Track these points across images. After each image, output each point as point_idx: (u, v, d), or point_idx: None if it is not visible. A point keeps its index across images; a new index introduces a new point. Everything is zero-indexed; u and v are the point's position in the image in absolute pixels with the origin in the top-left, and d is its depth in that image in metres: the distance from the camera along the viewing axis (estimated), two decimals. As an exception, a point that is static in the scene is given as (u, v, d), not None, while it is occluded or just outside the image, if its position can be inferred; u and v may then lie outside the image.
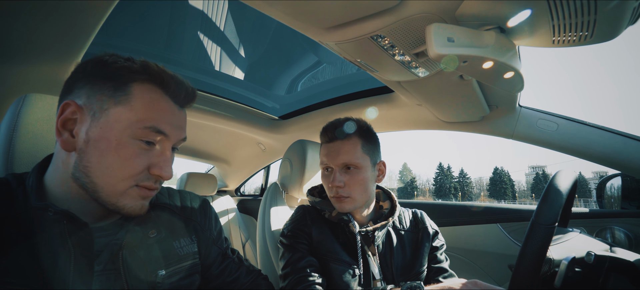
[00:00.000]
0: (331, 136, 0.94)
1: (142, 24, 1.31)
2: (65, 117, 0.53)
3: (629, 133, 1.09)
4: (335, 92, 1.58)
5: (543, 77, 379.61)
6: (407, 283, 0.75)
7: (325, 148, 0.96)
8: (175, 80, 0.58)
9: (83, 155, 0.53)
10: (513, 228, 1.38)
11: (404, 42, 0.74)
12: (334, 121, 0.97)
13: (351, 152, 0.92)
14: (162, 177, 0.57)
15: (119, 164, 0.53)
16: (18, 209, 0.52)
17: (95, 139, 0.53)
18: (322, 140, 0.98)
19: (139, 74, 0.55)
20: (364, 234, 0.93)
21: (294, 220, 0.99)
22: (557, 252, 0.77)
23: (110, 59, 0.55)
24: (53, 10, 0.72)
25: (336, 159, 0.92)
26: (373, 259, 0.93)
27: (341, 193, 0.91)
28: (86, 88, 0.54)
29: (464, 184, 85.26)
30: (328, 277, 0.88)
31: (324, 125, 0.98)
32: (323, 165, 0.96)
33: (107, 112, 0.53)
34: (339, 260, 0.89)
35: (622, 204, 1.29)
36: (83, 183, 0.53)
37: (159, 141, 0.57)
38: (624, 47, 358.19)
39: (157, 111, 0.56)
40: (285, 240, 0.95)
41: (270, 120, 1.85)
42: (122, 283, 0.56)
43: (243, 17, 1.42)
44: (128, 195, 0.55)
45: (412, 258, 0.96)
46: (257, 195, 2.68)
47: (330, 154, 0.94)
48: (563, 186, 0.72)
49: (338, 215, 0.94)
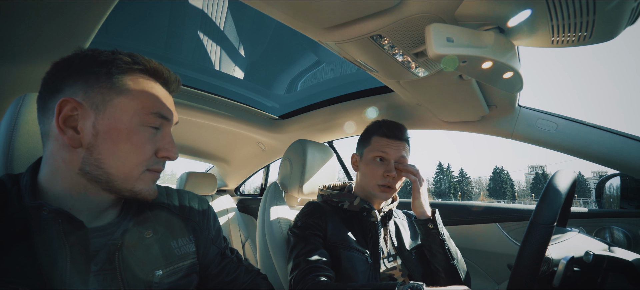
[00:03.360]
0: (397, 134, 1.06)
1: (142, 24, 1.31)
2: (65, 114, 0.53)
3: (628, 133, 1.09)
4: (335, 92, 1.58)
5: (542, 77, 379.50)
6: (410, 283, 0.76)
7: (387, 141, 1.05)
8: (163, 68, 0.62)
9: (93, 149, 0.53)
10: (512, 227, 1.38)
11: (404, 42, 0.74)
12: (394, 123, 1.09)
13: (406, 155, 1.07)
14: (170, 157, 0.61)
15: (132, 151, 0.56)
16: (13, 208, 0.51)
17: (105, 130, 0.54)
18: (383, 134, 1.06)
19: (130, 65, 0.57)
20: (382, 217, 1.08)
21: (309, 213, 1.03)
22: (556, 252, 0.77)
23: (95, 53, 0.55)
24: (53, 11, 0.72)
25: (397, 153, 1.04)
26: (383, 240, 1.05)
27: (392, 183, 1.03)
28: (79, 83, 0.54)
29: (463, 183, 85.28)
30: (340, 264, 0.93)
31: (383, 123, 1.08)
32: (379, 155, 1.05)
33: (110, 103, 0.54)
34: (350, 248, 0.96)
35: (621, 204, 1.29)
36: (95, 176, 0.54)
37: (161, 125, 0.60)
38: (624, 47, 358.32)
39: (157, 97, 0.59)
40: (298, 231, 0.99)
41: (270, 120, 1.85)
42: (119, 283, 0.56)
43: (243, 17, 1.42)
44: (142, 179, 0.58)
45: (414, 234, 1.12)
46: (256, 194, 2.68)
47: (393, 148, 1.04)
48: (562, 186, 0.72)
49: (360, 203, 1.04)
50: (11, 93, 0.92)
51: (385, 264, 1.01)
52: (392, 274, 1.00)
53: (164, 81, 0.62)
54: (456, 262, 1.01)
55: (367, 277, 0.93)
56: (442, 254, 0.99)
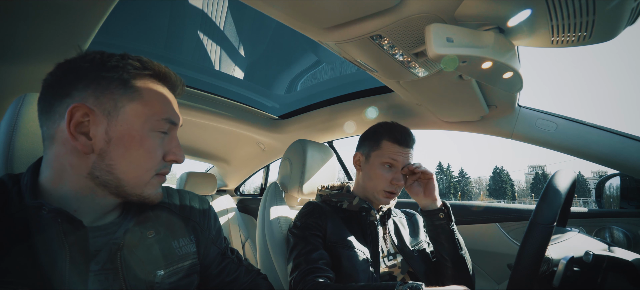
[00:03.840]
0: (408, 142, 1.04)
1: (142, 24, 1.31)
2: (76, 120, 0.52)
3: (628, 133, 1.09)
4: (335, 92, 1.58)
5: (542, 77, 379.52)
6: (409, 283, 0.76)
7: (399, 149, 1.03)
8: (170, 72, 0.62)
9: (105, 155, 0.54)
10: (512, 227, 1.38)
11: (404, 42, 0.74)
12: (404, 129, 1.06)
13: (411, 159, 1.05)
14: (177, 161, 0.62)
15: (144, 157, 0.56)
16: (13, 208, 0.51)
17: (118, 137, 0.54)
18: (395, 139, 1.03)
19: (140, 70, 0.57)
20: (381, 216, 1.07)
21: (309, 213, 1.03)
22: (555, 252, 0.77)
23: (105, 57, 0.55)
24: (53, 10, 0.72)
25: (405, 161, 1.03)
26: (383, 239, 1.04)
27: (397, 190, 1.03)
28: (90, 89, 0.53)
29: (463, 183, 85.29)
30: (340, 264, 0.93)
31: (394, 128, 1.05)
32: (389, 162, 1.02)
33: (123, 109, 0.55)
34: (350, 247, 0.96)
35: (620, 204, 1.29)
36: (105, 180, 0.55)
37: (169, 129, 0.61)
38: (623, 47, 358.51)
39: (167, 103, 0.60)
40: (298, 231, 0.99)
41: (270, 120, 1.85)
42: (121, 283, 0.56)
43: (243, 17, 1.42)
44: (151, 184, 0.59)
45: (413, 232, 1.13)
46: (256, 194, 2.68)
47: (403, 155, 1.02)
48: (562, 186, 0.72)
49: (359, 203, 1.04)
50: (11, 93, 0.92)
51: (385, 262, 1.01)
52: (392, 272, 1.00)
53: (171, 85, 0.63)
54: (464, 253, 1.01)
55: (367, 277, 0.93)
56: (451, 243, 0.99)
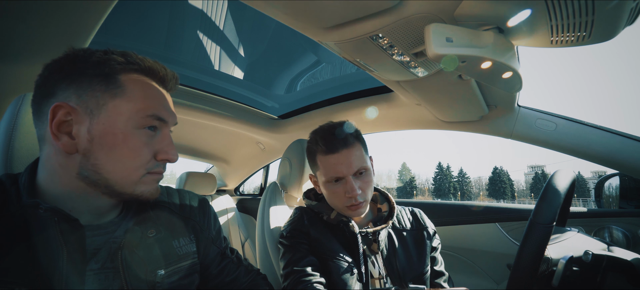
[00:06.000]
0: (337, 146, 0.90)
1: (141, 24, 1.31)
2: (58, 120, 0.51)
3: (628, 133, 1.10)
4: (334, 92, 1.58)
5: (542, 76, 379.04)
6: (410, 286, 0.76)
7: (333, 158, 0.91)
8: (159, 66, 0.60)
9: (89, 154, 0.53)
10: (511, 227, 1.38)
11: (403, 42, 0.74)
12: (329, 131, 0.94)
13: (361, 156, 0.92)
14: (169, 160, 0.60)
15: (129, 156, 0.54)
16: (11, 207, 0.51)
17: (99, 135, 0.52)
18: (324, 151, 0.92)
19: (124, 65, 0.55)
20: (364, 235, 0.93)
21: (293, 221, 1.00)
22: (555, 251, 0.77)
23: (87, 54, 0.54)
24: (53, 10, 0.72)
25: (351, 167, 0.90)
26: (374, 258, 0.93)
27: (359, 200, 0.90)
28: (72, 87, 0.52)
29: (463, 183, 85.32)
30: (327, 275, 0.89)
31: (319, 138, 0.94)
32: (332, 177, 0.91)
33: (105, 107, 0.53)
34: (338, 259, 0.90)
35: (620, 204, 1.29)
36: (94, 180, 0.53)
37: (159, 127, 0.59)
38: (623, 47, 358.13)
39: (153, 98, 0.58)
40: (286, 241, 0.96)
41: (270, 120, 1.85)
42: (121, 282, 0.56)
43: (242, 17, 1.42)
44: (143, 182, 0.57)
45: (417, 259, 0.95)
46: (256, 194, 2.68)
47: (344, 164, 0.90)
48: (561, 186, 0.73)
49: (338, 216, 0.95)
50: (11, 93, 0.92)
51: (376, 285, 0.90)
52: None
53: (160, 80, 0.60)
54: None
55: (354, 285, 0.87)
56: None
